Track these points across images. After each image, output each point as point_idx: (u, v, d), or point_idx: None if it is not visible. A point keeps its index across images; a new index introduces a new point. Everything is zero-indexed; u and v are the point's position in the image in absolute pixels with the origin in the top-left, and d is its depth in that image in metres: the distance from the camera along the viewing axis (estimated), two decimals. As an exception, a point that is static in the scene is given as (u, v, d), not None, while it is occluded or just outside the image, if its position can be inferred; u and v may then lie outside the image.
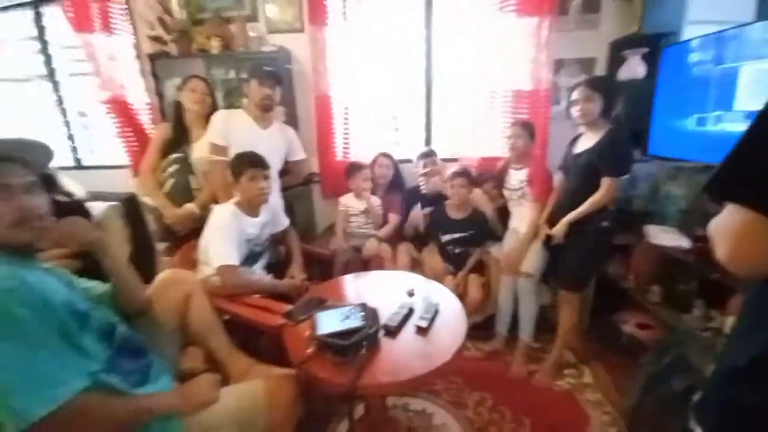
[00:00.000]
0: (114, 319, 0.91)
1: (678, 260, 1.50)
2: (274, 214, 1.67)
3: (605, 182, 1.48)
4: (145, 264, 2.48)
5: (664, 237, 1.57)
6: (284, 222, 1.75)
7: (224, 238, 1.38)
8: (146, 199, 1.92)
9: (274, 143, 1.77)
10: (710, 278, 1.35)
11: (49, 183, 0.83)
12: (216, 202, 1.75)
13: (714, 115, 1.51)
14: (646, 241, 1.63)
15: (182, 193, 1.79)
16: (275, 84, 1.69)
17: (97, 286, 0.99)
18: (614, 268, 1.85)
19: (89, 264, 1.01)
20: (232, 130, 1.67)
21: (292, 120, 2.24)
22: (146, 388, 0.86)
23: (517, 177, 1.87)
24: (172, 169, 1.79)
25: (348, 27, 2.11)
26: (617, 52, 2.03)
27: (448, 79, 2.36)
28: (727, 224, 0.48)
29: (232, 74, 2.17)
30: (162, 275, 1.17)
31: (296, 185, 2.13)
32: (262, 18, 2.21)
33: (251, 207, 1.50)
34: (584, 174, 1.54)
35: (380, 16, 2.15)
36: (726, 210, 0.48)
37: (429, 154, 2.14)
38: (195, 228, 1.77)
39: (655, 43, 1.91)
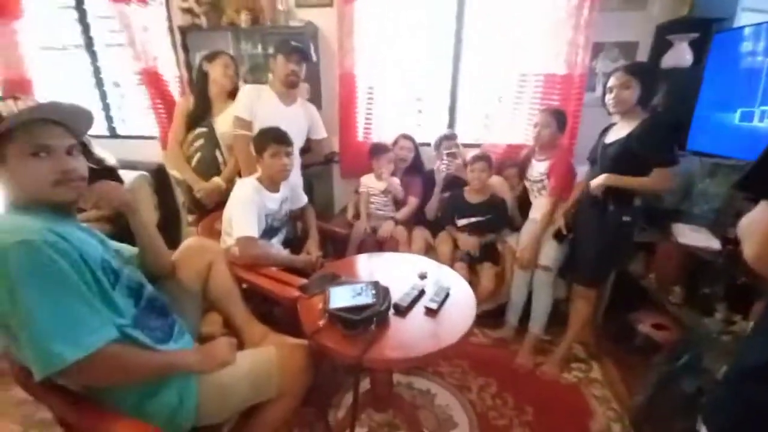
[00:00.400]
0: (142, 279, 0.97)
1: (705, 262, 1.44)
2: (293, 191, 1.70)
3: (656, 172, 1.37)
4: (171, 231, 2.62)
5: (694, 237, 1.50)
6: (303, 199, 1.78)
7: (245, 211, 1.43)
8: (174, 173, 1.98)
9: (297, 120, 1.78)
10: (737, 282, 1.29)
11: (83, 149, 0.87)
12: (240, 175, 1.81)
13: (761, 110, 1.40)
14: (673, 240, 1.56)
15: (209, 167, 1.85)
16: (301, 60, 1.68)
17: (127, 249, 1.06)
18: (636, 265, 1.80)
19: (118, 230, 1.08)
20: (257, 105, 1.69)
21: (316, 97, 2.25)
22: (169, 346, 0.91)
23: (538, 169, 1.82)
24: (198, 143, 1.84)
25: (377, 3, 2.05)
26: (663, 36, 1.89)
27: (477, 60, 2.27)
28: (757, 222, 0.46)
29: (259, 49, 2.18)
30: (187, 242, 1.22)
31: (316, 163, 2.15)
32: (292, -9, 2.19)
33: (272, 182, 1.54)
34: (613, 165, 1.46)
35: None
36: (757, 208, 0.47)
37: (450, 137, 2.10)
38: (223, 201, 1.83)
39: (706, 29, 1.77)
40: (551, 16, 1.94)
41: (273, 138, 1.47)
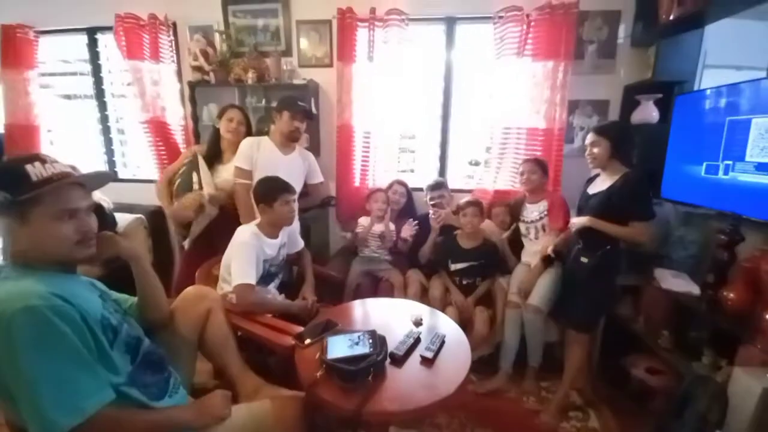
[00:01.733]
0: (140, 333, 0.97)
1: (688, 306, 1.49)
2: (291, 236, 1.75)
3: (634, 225, 1.47)
4: (164, 274, 2.60)
5: (674, 282, 1.57)
6: (300, 243, 1.83)
7: (245, 257, 1.46)
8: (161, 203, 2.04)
9: (296, 167, 1.87)
10: (720, 327, 1.34)
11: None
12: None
13: (725, 164, 1.54)
14: (656, 284, 1.62)
15: (185, 189, 1.91)
16: (305, 118, 1.81)
17: (125, 298, 1.08)
18: (624, 309, 1.84)
19: (109, 273, 1.09)
20: (257, 155, 1.78)
21: (315, 146, 2.37)
22: (164, 401, 0.91)
23: (534, 210, 1.90)
24: (181, 170, 1.93)
25: (373, 65, 2.25)
26: (631, 96, 2.10)
27: (465, 114, 2.46)
28: None
29: (263, 102, 2.34)
30: (186, 291, 1.24)
31: (314, 207, 2.22)
32: (296, 53, 2.39)
33: (274, 228, 1.59)
34: (595, 215, 1.56)
35: (403, 58, 2.28)
36: None
37: (438, 186, 2.22)
38: (207, 231, 1.88)
39: (668, 90, 1.98)
40: (531, 78, 2.14)
41: (283, 188, 1.55)
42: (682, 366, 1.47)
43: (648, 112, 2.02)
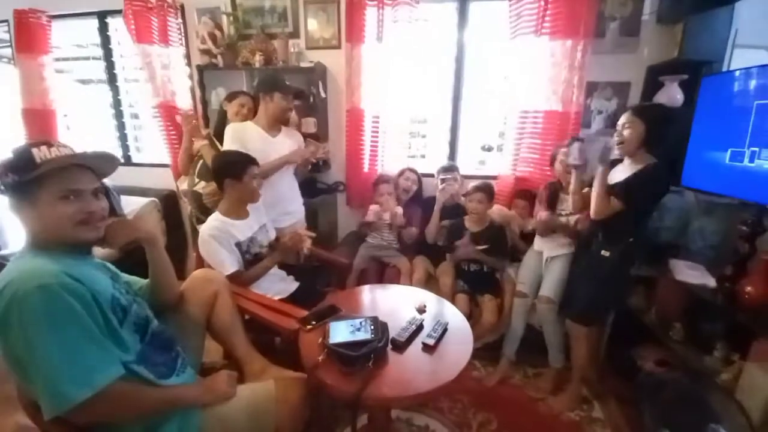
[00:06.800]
0: (149, 314, 1.00)
1: (702, 299, 1.44)
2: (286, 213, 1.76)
3: (612, 201, 1.40)
4: (177, 256, 2.68)
5: (690, 273, 1.51)
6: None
7: (214, 252, 1.43)
8: (185, 186, 2.02)
9: (287, 147, 1.83)
10: (736, 320, 1.29)
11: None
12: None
13: (750, 151, 1.45)
14: (671, 276, 1.57)
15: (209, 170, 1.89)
16: (296, 98, 1.77)
17: (136, 281, 1.11)
18: (637, 300, 1.79)
19: (124, 256, 1.12)
20: (245, 140, 1.72)
21: (323, 131, 2.35)
22: (171, 380, 0.94)
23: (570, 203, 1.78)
24: (200, 153, 1.92)
25: (382, 46, 2.18)
26: (655, 77, 1.98)
27: (477, 98, 2.39)
28: None
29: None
30: (194, 274, 1.27)
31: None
32: (303, 34, 2.34)
33: (240, 207, 1.54)
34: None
35: (414, 38, 2.20)
36: None
37: (449, 169, 2.18)
38: None
39: (695, 71, 1.86)
40: (548, 58, 2.03)
41: (250, 160, 1.51)
42: (693, 359, 1.43)
43: (672, 94, 1.90)
